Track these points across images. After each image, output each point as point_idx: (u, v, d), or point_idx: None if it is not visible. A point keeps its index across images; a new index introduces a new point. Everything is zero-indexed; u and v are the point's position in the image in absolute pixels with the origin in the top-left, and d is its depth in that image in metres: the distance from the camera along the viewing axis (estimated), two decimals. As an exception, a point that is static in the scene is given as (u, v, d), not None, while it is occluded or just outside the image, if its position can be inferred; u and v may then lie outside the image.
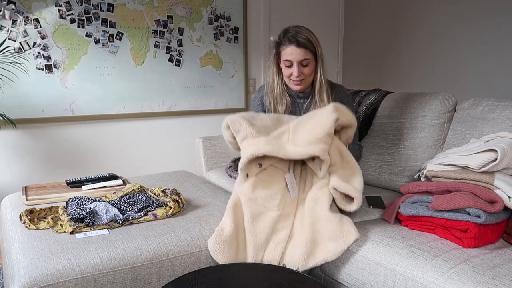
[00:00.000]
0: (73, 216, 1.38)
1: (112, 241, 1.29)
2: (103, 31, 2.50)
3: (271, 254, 1.36)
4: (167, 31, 2.71)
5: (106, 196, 1.67)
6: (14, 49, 2.27)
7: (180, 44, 2.76)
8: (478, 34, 2.83)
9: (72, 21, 2.41)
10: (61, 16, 2.37)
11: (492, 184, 1.30)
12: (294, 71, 1.57)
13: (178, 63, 2.78)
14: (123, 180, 1.92)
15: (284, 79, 1.66)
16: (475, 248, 1.24)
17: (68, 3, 2.38)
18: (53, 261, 1.17)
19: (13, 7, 2.24)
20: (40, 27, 2.32)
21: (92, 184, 1.83)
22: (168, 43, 2.72)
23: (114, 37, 2.54)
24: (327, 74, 1.66)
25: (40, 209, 1.52)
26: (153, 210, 1.51)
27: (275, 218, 1.39)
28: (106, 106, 2.58)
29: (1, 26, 2.22)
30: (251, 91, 3.12)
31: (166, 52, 2.72)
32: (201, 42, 2.84)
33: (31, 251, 1.22)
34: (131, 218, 1.43)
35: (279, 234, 1.39)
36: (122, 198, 1.58)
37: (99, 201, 1.52)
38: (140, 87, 2.67)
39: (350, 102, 1.72)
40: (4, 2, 2.21)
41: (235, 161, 2.26)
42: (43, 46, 2.34)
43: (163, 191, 1.64)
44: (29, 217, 1.43)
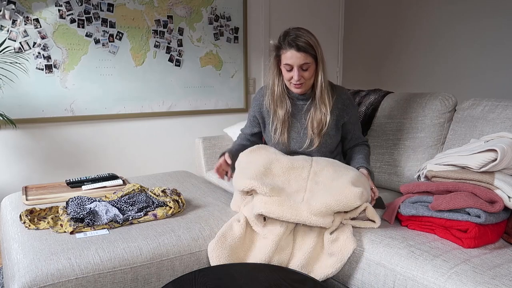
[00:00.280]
0: (73, 216, 1.38)
1: (112, 241, 1.29)
2: (103, 31, 2.50)
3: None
4: (167, 31, 2.71)
5: (106, 196, 1.67)
6: (14, 49, 2.27)
7: (180, 44, 2.76)
8: (478, 34, 2.83)
9: (72, 21, 2.41)
10: (61, 16, 2.37)
11: (492, 184, 1.30)
12: (295, 75, 1.56)
13: (178, 63, 2.78)
14: (123, 180, 1.92)
15: (284, 81, 1.66)
16: (475, 248, 1.24)
17: (68, 3, 2.38)
18: (53, 261, 1.17)
19: (13, 7, 2.24)
20: (40, 27, 2.32)
21: (92, 184, 1.83)
22: (168, 43, 2.72)
23: (114, 37, 2.54)
24: (327, 75, 1.66)
25: (40, 209, 1.52)
26: (153, 210, 1.51)
27: (280, 235, 1.38)
28: (106, 106, 2.58)
29: (1, 26, 2.22)
30: (251, 91, 3.12)
31: (166, 52, 2.72)
32: (201, 42, 2.84)
33: (31, 251, 1.22)
34: (131, 218, 1.43)
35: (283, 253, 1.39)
36: (122, 198, 1.58)
37: (99, 201, 1.52)
38: (140, 87, 2.67)
39: (352, 103, 1.71)
40: (4, 2, 2.21)
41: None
42: (43, 46, 2.34)
43: (163, 191, 1.64)
44: (29, 217, 1.43)
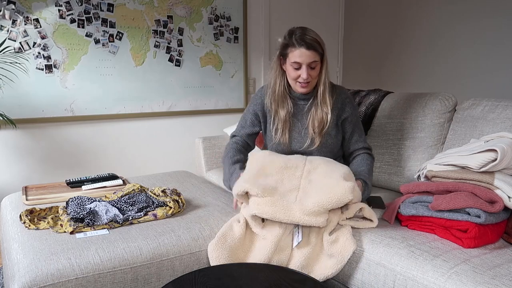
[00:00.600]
0: (73, 216, 1.38)
1: (112, 241, 1.29)
2: (103, 31, 2.50)
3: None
4: (167, 31, 2.71)
5: (106, 196, 1.67)
6: (14, 49, 2.27)
7: (180, 44, 2.76)
8: (478, 34, 2.83)
9: (72, 21, 2.41)
10: (61, 16, 2.37)
11: (492, 184, 1.30)
12: (303, 73, 1.55)
13: (178, 63, 2.78)
14: (123, 180, 1.92)
15: (286, 81, 1.66)
16: (475, 248, 1.24)
17: (68, 3, 2.38)
18: (53, 261, 1.17)
19: (13, 7, 2.24)
20: (40, 27, 2.32)
21: (92, 184, 1.83)
22: (168, 43, 2.72)
23: (114, 37, 2.54)
24: (329, 75, 1.66)
25: (40, 209, 1.52)
26: (153, 210, 1.51)
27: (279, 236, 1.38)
28: (106, 106, 2.58)
29: (1, 26, 2.22)
30: (251, 91, 3.12)
31: (166, 52, 2.72)
32: (201, 42, 2.84)
33: (31, 251, 1.22)
34: (131, 218, 1.43)
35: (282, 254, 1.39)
36: (122, 198, 1.58)
37: (99, 201, 1.52)
38: (140, 87, 2.67)
39: (351, 103, 1.71)
40: (4, 2, 2.21)
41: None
42: (43, 46, 2.34)
43: (163, 191, 1.64)
44: (29, 217, 1.43)
